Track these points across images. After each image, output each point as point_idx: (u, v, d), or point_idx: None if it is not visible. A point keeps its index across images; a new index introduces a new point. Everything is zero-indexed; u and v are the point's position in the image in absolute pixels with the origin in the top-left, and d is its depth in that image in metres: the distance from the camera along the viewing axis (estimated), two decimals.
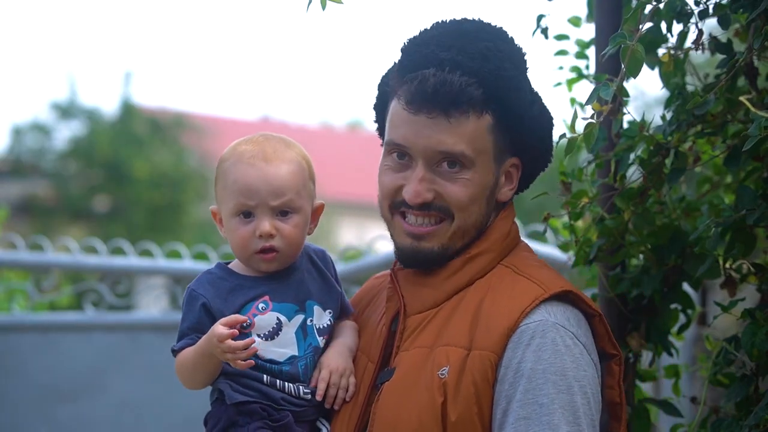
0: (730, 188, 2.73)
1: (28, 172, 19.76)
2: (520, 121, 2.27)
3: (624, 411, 2.27)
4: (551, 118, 2.35)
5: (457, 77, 2.21)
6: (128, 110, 19.65)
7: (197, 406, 5.09)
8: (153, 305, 5.82)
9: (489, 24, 2.33)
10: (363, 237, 6.04)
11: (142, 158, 18.85)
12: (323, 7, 2.23)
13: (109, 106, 23.26)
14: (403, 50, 2.32)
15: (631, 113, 2.55)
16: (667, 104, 2.54)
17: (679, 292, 2.60)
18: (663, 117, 2.52)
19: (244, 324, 2.26)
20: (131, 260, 5.42)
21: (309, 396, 2.28)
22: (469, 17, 2.33)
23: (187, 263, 5.42)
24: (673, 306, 2.62)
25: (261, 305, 2.30)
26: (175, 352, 2.34)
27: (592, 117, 2.12)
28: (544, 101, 2.35)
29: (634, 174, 2.55)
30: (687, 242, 2.51)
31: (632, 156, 2.52)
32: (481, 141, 2.26)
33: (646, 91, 16.83)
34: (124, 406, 5.26)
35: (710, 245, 2.36)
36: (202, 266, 5.40)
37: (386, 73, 2.38)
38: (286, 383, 2.28)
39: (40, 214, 19.07)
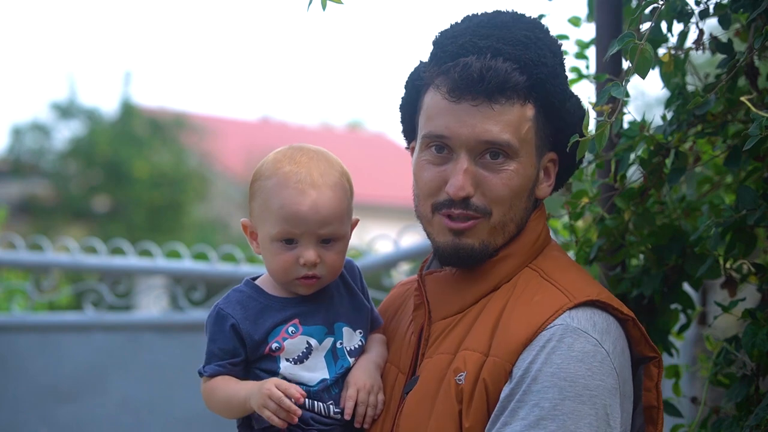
0: (730, 188, 2.73)
1: (28, 172, 19.76)
2: (559, 112, 2.21)
3: (661, 415, 2.20)
4: (586, 113, 2.26)
5: (501, 63, 2.14)
6: (128, 110, 19.66)
7: (197, 406, 5.09)
8: (153, 305, 5.81)
9: (524, 15, 2.26)
10: (363, 237, 6.02)
11: (142, 158, 18.86)
12: (323, 8, 2.22)
13: (109, 106, 23.33)
14: (436, 43, 2.24)
15: (631, 113, 2.56)
16: (668, 104, 2.54)
17: (680, 292, 2.60)
18: (663, 117, 2.52)
19: (273, 347, 2.23)
20: (131, 260, 5.42)
21: (339, 415, 2.23)
22: (502, 9, 2.27)
23: (187, 263, 5.42)
24: (673, 306, 2.61)
25: (291, 329, 2.25)
26: (203, 373, 2.28)
27: (602, 117, 2.10)
28: (578, 94, 2.28)
29: (634, 174, 2.54)
30: (687, 242, 2.51)
31: (632, 156, 2.52)
32: (525, 131, 2.17)
33: (646, 91, 16.87)
34: (124, 406, 5.26)
35: (711, 245, 2.36)
36: (202, 266, 5.41)
37: (414, 70, 2.30)
38: (316, 402, 2.23)
39: (39, 214, 19.07)
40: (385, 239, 5.04)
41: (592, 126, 2.15)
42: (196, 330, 5.23)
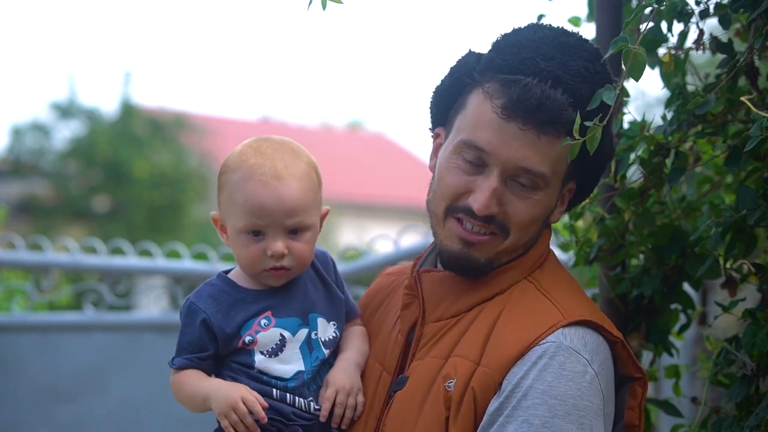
0: (730, 188, 2.73)
1: (28, 172, 19.77)
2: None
3: None
4: (614, 148, 2.27)
5: (560, 95, 2.11)
6: (128, 110, 19.66)
7: None
8: (153, 305, 5.81)
9: (588, 42, 2.23)
10: (363, 237, 6.03)
11: (142, 158, 18.86)
12: (324, 7, 2.22)
13: (109, 106, 23.32)
14: (496, 47, 2.21)
15: (631, 113, 2.56)
16: (668, 104, 2.54)
17: (680, 292, 2.60)
18: (663, 117, 2.52)
19: (246, 341, 2.23)
20: (131, 260, 5.42)
21: (319, 412, 2.24)
22: (569, 29, 2.23)
23: (187, 263, 5.42)
24: (673, 306, 2.61)
25: (263, 321, 2.25)
26: (171, 366, 2.29)
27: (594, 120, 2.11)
28: (611, 127, 2.25)
29: (634, 174, 2.54)
30: (687, 242, 2.51)
31: (633, 156, 2.52)
32: (561, 164, 2.17)
33: (646, 91, 16.87)
34: (124, 406, 5.26)
35: (711, 245, 2.36)
36: (202, 266, 5.41)
37: (463, 62, 2.25)
38: (296, 397, 2.23)
39: (40, 214, 19.07)
40: (385, 239, 5.04)
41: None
42: None
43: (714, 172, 2.76)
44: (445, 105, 2.27)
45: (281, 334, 2.25)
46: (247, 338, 2.24)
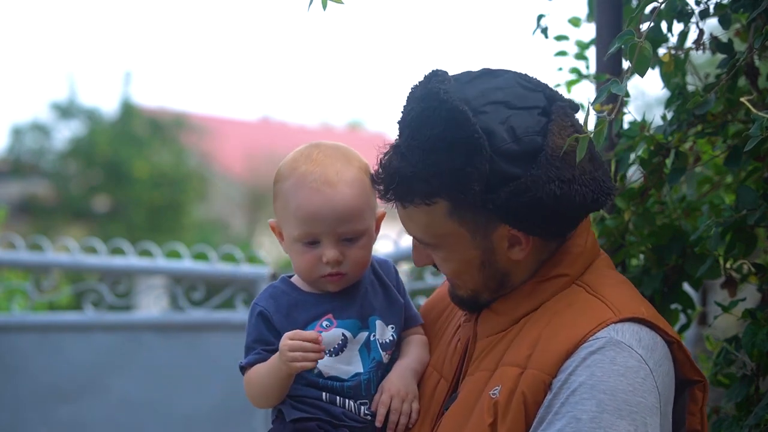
0: (730, 188, 2.73)
1: (28, 172, 19.78)
2: (485, 202, 2.07)
3: None
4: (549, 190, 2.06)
5: (401, 168, 2.10)
6: (128, 110, 19.66)
7: (197, 406, 5.10)
8: (153, 305, 5.82)
9: (445, 104, 2.08)
10: None
11: (142, 158, 18.86)
12: (324, 7, 2.22)
13: (109, 106, 23.28)
14: None
15: (631, 113, 2.56)
16: (668, 104, 2.54)
17: (680, 292, 2.60)
18: (663, 117, 2.52)
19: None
20: (131, 260, 5.42)
21: (369, 417, 2.23)
22: (437, 90, 2.09)
23: (187, 263, 5.42)
24: (673, 306, 2.61)
25: (325, 323, 2.25)
26: (243, 368, 2.27)
27: (602, 114, 2.10)
28: (538, 171, 2.05)
29: (634, 174, 2.55)
30: (687, 242, 2.51)
31: (632, 156, 2.52)
32: (440, 226, 2.12)
33: (646, 91, 16.87)
34: (124, 406, 5.26)
35: (711, 245, 2.36)
36: (202, 266, 5.41)
37: None
38: (347, 400, 2.22)
39: (40, 214, 19.08)
40: (385, 239, 5.04)
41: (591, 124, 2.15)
42: (196, 330, 5.24)
43: (714, 172, 2.76)
44: None
45: (343, 334, 2.25)
46: None
